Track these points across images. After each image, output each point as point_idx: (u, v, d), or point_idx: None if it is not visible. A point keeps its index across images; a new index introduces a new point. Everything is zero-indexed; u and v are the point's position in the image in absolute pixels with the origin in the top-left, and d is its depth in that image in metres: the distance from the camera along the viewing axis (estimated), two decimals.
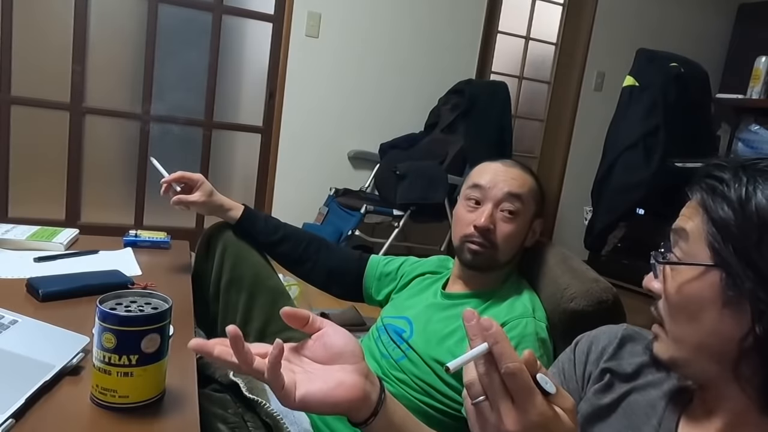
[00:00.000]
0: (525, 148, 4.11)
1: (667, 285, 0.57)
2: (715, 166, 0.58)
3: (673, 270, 0.57)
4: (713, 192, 0.56)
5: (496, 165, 1.12)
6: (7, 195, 2.85)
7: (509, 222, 1.07)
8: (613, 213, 3.22)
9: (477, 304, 1.08)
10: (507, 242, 1.07)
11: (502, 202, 1.07)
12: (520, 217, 1.07)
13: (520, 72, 3.96)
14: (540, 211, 1.13)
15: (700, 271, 0.54)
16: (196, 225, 3.24)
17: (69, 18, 2.79)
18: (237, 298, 1.28)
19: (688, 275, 0.55)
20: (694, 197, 0.58)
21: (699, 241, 0.55)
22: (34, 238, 1.23)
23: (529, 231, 1.12)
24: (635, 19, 4.01)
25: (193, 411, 0.68)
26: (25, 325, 0.81)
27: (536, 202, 1.11)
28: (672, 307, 0.56)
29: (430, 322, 1.10)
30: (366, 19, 3.29)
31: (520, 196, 1.07)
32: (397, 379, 1.06)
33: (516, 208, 1.06)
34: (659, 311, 0.58)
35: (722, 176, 0.56)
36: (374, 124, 3.40)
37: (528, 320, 1.01)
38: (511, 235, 1.07)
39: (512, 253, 1.10)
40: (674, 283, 0.56)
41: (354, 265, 1.32)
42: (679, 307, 0.56)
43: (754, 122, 3.90)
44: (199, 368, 0.82)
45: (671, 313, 0.57)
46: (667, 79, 3.03)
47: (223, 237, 1.30)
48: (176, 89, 3.09)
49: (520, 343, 0.98)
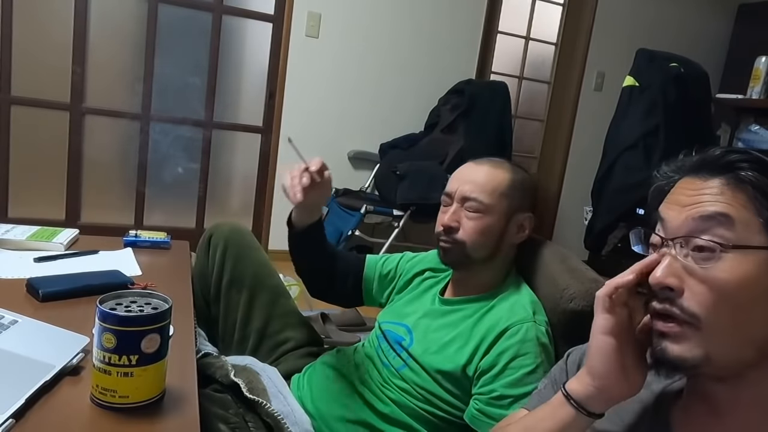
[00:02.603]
0: (525, 148, 4.11)
1: (711, 276, 0.52)
2: (732, 152, 0.56)
3: (717, 260, 0.53)
4: (762, 173, 0.53)
5: (466, 167, 1.14)
6: (7, 195, 2.85)
7: (473, 219, 1.07)
8: (613, 213, 3.21)
9: (476, 309, 1.07)
10: (473, 237, 1.07)
11: (465, 201, 1.08)
12: (486, 213, 1.07)
13: (520, 72, 3.96)
14: (524, 205, 1.11)
15: (758, 258, 0.52)
16: (196, 225, 3.24)
17: (69, 18, 2.78)
18: (238, 298, 1.28)
19: (741, 263, 0.52)
20: (716, 180, 0.55)
21: (750, 225, 0.53)
22: (34, 238, 1.23)
23: (508, 225, 1.10)
24: (635, 20, 4.01)
25: (193, 411, 0.68)
26: (25, 325, 0.81)
27: (510, 197, 1.08)
28: (720, 300, 0.52)
29: (430, 329, 1.09)
30: (366, 19, 3.29)
31: (479, 194, 1.07)
32: (399, 387, 1.05)
33: (477, 205, 1.07)
34: (686, 309, 0.54)
35: (760, 158, 0.54)
36: (374, 125, 3.40)
37: (529, 325, 1.00)
38: (477, 230, 1.07)
39: (488, 248, 1.08)
40: (723, 274, 0.52)
41: (352, 269, 1.29)
42: (729, 299, 0.52)
43: (754, 122, 3.90)
44: (199, 368, 0.82)
45: (717, 306, 0.52)
46: (667, 79, 3.03)
47: (224, 237, 1.30)
48: (176, 89, 3.08)
49: (520, 349, 0.97)
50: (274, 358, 1.26)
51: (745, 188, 0.54)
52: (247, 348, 1.27)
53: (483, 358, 0.99)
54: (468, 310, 1.08)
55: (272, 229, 3.29)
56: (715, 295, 0.52)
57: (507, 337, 0.98)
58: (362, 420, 1.05)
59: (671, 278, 0.54)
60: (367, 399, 1.07)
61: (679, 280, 0.54)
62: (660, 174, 0.63)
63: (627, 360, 0.58)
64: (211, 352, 1.10)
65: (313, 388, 1.13)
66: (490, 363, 0.97)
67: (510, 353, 0.97)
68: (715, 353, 0.53)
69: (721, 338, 0.53)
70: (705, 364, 0.54)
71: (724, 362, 0.54)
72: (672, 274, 0.55)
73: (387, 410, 1.04)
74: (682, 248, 0.55)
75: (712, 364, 0.54)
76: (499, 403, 0.95)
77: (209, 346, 1.16)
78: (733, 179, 0.55)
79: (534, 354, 0.97)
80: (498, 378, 0.96)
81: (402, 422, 1.04)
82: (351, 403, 1.07)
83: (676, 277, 0.54)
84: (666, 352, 0.55)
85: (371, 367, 1.11)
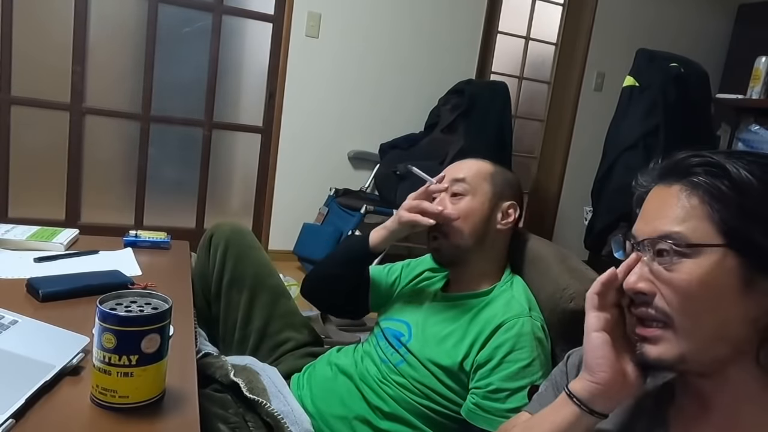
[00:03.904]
0: (525, 148, 4.11)
1: (675, 279, 0.55)
2: (691, 156, 0.59)
3: (678, 263, 0.55)
4: (714, 176, 0.56)
5: (454, 164, 1.20)
6: (7, 195, 2.85)
7: (457, 202, 1.11)
8: (613, 213, 3.21)
9: (473, 305, 1.09)
10: (460, 221, 1.09)
11: (453, 185, 1.13)
12: (470, 197, 1.11)
13: (520, 72, 3.96)
14: (507, 194, 1.14)
15: (714, 258, 0.54)
16: (196, 225, 3.24)
17: (69, 18, 2.78)
18: (238, 298, 1.28)
19: (700, 265, 0.54)
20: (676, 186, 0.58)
21: (703, 228, 0.55)
22: (34, 238, 1.23)
23: (493, 211, 1.12)
24: (635, 20, 4.01)
25: (193, 411, 0.68)
26: (25, 325, 0.81)
27: (494, 183, 1.13)
28: (685, 301, 0.55)
29: (428, 324, 1.10)
30: (366, 19, 3.29)
31: (463, 178, 1.12)
32: (397, 383, 1.06)
33: (463, 187, 1.12)
34: (660, 310, 0.57)
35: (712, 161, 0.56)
36: (374, 125, 3.40)
37: (524, 319, 1.01)
38: (461, 210, 1.09)
39: (473, 234, 1.10)
40: (684, 276, 0.55)
41: (363, 284, 1.26)
42: (693, 300, 0.55)
43: (754, 122, 3.90)
44: (199, 368, 0.82)
45: (684, 307, 0.55)
46: (667, 79, 3.03)
47: (225, 237, 1.30)
48: (176, 89, 3.09)
49: (517, 343, 0.98)
50: (275, 357, 1.26)
51: (698, 193, 0.56)
52: (248, 348, 1.27)
53: (479, 352, 1.00)
54: (465, 305, 1.09)
55: (272, 229, 3.29)
56: (680, 297, 0.55)
57: (503, 331, 0.99)
58: (361, 417, 1.06)
59: (642, 283, 0.58)
60: (366, 396, 1.07)
61: (650, 284, 0.57)
62: (637, 183, 0.66)
63: (622, 356, 0.60)
64: (211, 352, 1.10)
65: (313, 387, 1.13)
66: (487, 357, 0.98)
67: (506, 347, 0.98)
68: (689, 352, 0.55)
69: (693, 337, 0.55)
70: (682, 363, 0.56)
71: (699, 360, 0.56)
72: (643, 278, 0.58)
73: (385, 406, 1.05)
74: (649, 252, 0.58)
75: (688, 362, 0.56)
76: (496, 396, 0.95)
77: (209, 346, 1.16)
78: (689, 184, 0.57)
79: (530, 348, 0.98)
80: (495, 371, 0.97)
81: (401, 418, 1.04)
82: (350, 401, 1.08)
83: (647, 282, 0.58)
84: (646, 355, 0.58)
85: (370, 363, 1.11)
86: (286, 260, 3.06)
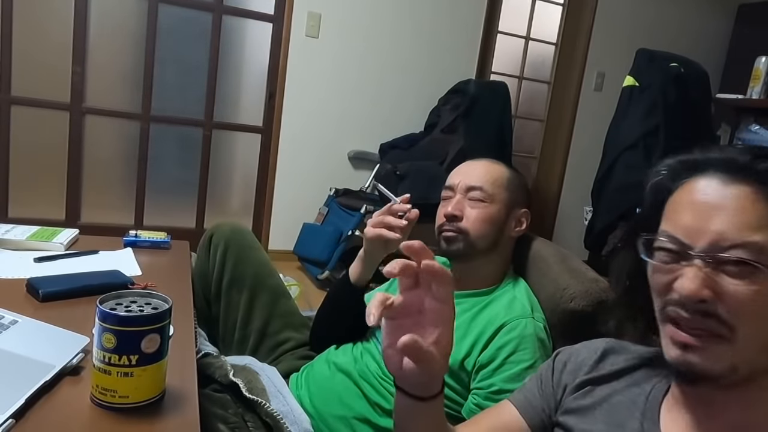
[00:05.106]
0: (525, 148, 4.11)
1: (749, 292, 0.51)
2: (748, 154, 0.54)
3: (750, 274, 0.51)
4: None
5: (466, 163, 1.19)
6: (7, 195, 2.85)
7: (476, 207, 1.11)
8: (614, 213, 3.21)
9: (474, 304, 1.08)
10: (477, 226, 1.10)
11: (468, 192, 1.12)
12: (489, 203, 1.11)
13: (520, 72, 3.96)
14: (522, 201, 1.15)
15: None
16: (196, 225, 3.24)
17: (69, 18, 2.79)
18: (238, 298, 1.28)
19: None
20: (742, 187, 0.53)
21: None
22: (34, 238, 1.23)
23: (508, 219, 1.13)
24: (635, 20, 4.01)
25: (193, 411, 0.68)
26: (25, 325, 0.81)
27: (510, 190, 1.13)
28: (756, 312, 0.51)
29: None
30: (366, 19, 3.29)
31: (483, 183, 1.12)
32: None
33: (482, 194, 1.11)
34: (722, 320, 0.52)
35: None
36: (374, 125, 3.40)
37: (527, 321, 1.01)
38: (480, 218, 1.10)
39: (489, 239, 1.10)
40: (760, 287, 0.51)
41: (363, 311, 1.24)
42: (762, 312, 0.51)
43: (754, 122, 3.90)
44: (199, 368, 0.82)
45: (751, 319, 0.52)
46: (667, 79, 3.03)
47: (225, 237, 1.31)
48: (176, 89, 3.09)
49: (519, 344, 0.98)
50: (274, 357, 1.26)
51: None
52: (248, 348, 1.27)
53: (482, 352, 1.00)
54: (466, 304, 1.09)
55: (272, 229, 3.29)
56: (750, 308, 0.51)
57: (506, 332, 0.99)
58: (361, 416, 1.05)
59: (706, 290, 0.52)
60: (366, 393, 1.07)
61: (713, 292, 0.52)
62: (664, 168, 0.60)
63: None
64: (211, 352, 1.10)
65: (311, 386, 1.13)
66: (489, 357, 0.98)
67: (509, 348, 0.98)
68: (742, 363, 0.53)
69: (752, 349, 0.52)
70: (730, 374, 0.53)
71: (747, 371, 0.53)
72: (705, 285, 0.52)
73: (386, 403, 1.04)
74: (710, 261, 0.52)
75: (738, 373, 0.53)
76: (498, 397, 0.95)
77: (209, 346, 1.16)
78: (760, 186, 0.52)
79: (532, 349, 0.98)
80: (497, 372, 0.97)
81: None
82: (349, 400, 1.07)
83: (709, 289, 0.52)
84: (691, 365, 0.54)
85: (370, 360, 1.11)
86: (286, 260, 3.06)
